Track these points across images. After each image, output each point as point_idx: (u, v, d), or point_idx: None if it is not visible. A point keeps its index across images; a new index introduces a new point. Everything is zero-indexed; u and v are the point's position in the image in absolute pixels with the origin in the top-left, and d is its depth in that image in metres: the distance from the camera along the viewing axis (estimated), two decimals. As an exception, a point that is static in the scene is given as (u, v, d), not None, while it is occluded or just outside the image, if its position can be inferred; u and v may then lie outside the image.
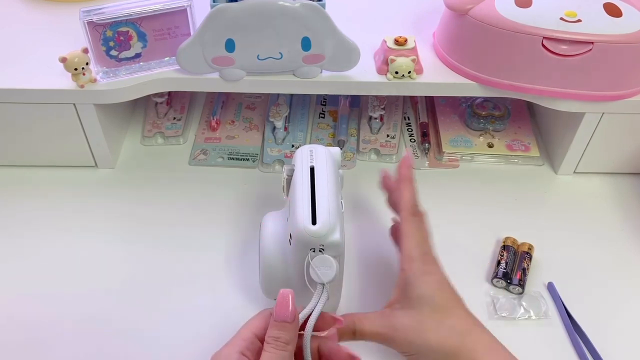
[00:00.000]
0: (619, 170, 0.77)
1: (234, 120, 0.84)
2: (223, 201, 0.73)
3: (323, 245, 0.48)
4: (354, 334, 0.49)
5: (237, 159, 0.78)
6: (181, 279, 0.64)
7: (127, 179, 0.76)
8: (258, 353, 0.44)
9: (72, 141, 0.73)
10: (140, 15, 0.64)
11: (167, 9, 0.64)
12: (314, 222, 0.48)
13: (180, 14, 0.65)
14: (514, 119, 0.83)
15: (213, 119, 0.83)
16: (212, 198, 0.73)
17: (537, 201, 0.74)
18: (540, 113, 0.83)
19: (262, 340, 0.45)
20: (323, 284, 0.47)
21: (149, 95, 0.72)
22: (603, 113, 0.69)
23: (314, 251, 0.48)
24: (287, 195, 0.55)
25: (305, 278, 0.48)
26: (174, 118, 0.83)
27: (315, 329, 0.47)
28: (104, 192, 0.74)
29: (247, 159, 0.78)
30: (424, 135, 0.81)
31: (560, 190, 0.76)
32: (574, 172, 0.77)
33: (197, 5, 0.66)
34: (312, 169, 0.52)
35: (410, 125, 0.84)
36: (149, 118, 0.83)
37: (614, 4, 0.65)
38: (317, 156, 0.53)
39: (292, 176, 0.53)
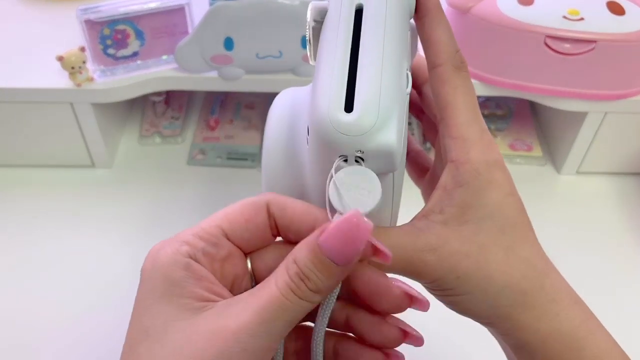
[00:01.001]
0: (623, 170, 0.76)
1: (233, 119, 0.83)
2: (222, 201, 0.72)
3: (362, 152, 0.26)
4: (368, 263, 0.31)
5: (236, 158, 0.78)
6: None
7: (124, 179, 0.75)
8: (229, 261, 0.29)
9: (68, 140, 0.73)
10: (138, 14, 0.63)
11: (165, 7, 0.64)
12: (348, 106, 0.26)
13: (178, 12, 0.65)
14: (516, 118, 0.82)
15: (211, 118, 0.82)
16: (210, 198, 0.73)
17: (539, 201, 0.74)
18: (542, 112, 0.83)
19: (241, 246, 0.29)
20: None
21: (146, 94, 0.71)
22: (606, 112, 0.69)
23: (345, 161, 0.27)
24: (314, 57, 0.31)
25: (327, 208, 0.27)
26: (172, 117, 0.82)
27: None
28: (101, 192, 0.73)
29: (246, 159, 0.77)
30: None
31: (563, 190, 0.75)
32: (577, 172, 0.76)
33: (196, 3, 0.66)
34: (358, 11, 0.29)
35: (412, 125, 0.83)
36: (146, 117, 0.82)
37: (617, 2, 0.64)
38: None
39: (322, 23, 0.30)
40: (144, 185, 0.74)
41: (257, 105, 0.85)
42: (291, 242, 0.30)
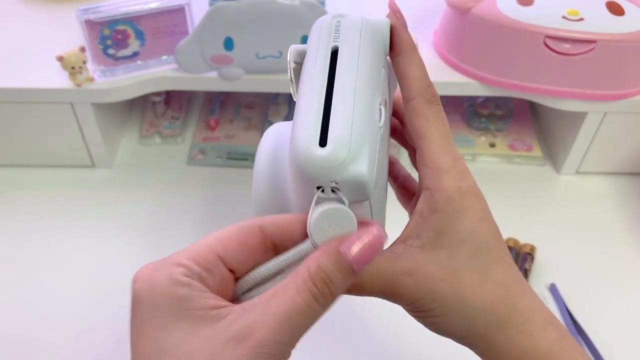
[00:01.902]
0: (622, 170, 0.76)
1: (233, 119, 0.83)
2: (222, 201, 0.72)
3: (337, 183, 0.28)
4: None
5: (236, 158, 0.78)
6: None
7: (124, 179, 0.75)
8: (223, 286, 0.29)
9: (68, 141, 0.73)
10: (138, 14, 0.63)
11: (165, 7, 0.64)
12: (323, 141, 0.28)
13: (178, 12, 0.65)
14: (516, 118, 0.82)
15: (211, 118, 0.82)
16: (210, 198, 0.72)
17: (539, 201, 0.74)
18: (542, 112, 0.83)
19: (232, 266, 0.29)
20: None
21: (146, 95, 0.71)
22: (606, 112, 0.69)
23: (323, 192, 0.29)
24: (297, 94, 0.33)
25: (309, 236, 0.29)
26: (172, 117, 0.82)
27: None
28: (101, 192, 0.73)
29: (246, 159, 0.77)
30: (425, 134, 0.80)
31: (562, 191, 0.75)
32: (577, 172, 0.76)
33: (196, 3, 0.66)
34: (334, 53, 0.31)
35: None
36: (146, 117, 0.82)
37: (616, 3, 0.65)
38: (345, 31, 0.32)
39: (302, 64, 0.32)
40: (144, 185, 0.74)
41: (257, 105, 0.85)
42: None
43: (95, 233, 0.68)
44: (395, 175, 0.40)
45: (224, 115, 0.83)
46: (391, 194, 0.40)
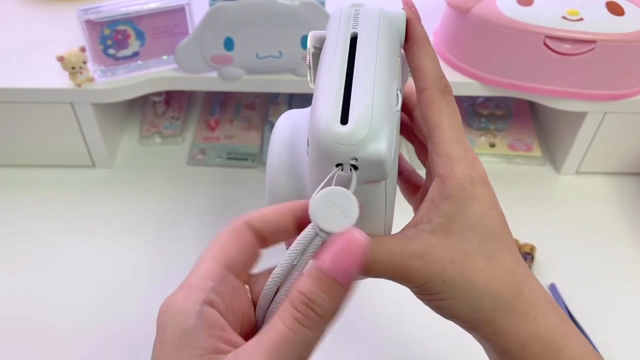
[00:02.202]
0: (622, 170, 0.76)
1: (233, 119, 0.83)
2: (222, 202, 0.72)
3: (357, 160, 0.29)
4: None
5: (236, 158, 0.78)
6: (179, 280, 0.63)
7: (124, 179, 0.75)
8: (235, 296, 0.29)
9: (69, 141, 0.73)
10: (139, 14, 0.63)
11: (166, 7, 0.64)
12: (344, 120, 0.29)
13: (178, 13, 0.65)
14: (516, 118, 0.82)
15: (211, 118, 0.82)
16: (210, 198, 0.73)
17: (539, 202, 0.74)
18: (542, 112, 0.83)
19: (238, 274, 0.30)
20: (323, 233, 0.29)
21: (147, 95, 0.71)
22: (605, 112, 0.69)
23: (342, 170, 0.29)
24: (314, 80, 0.34)
25: (312, 219, 0.29)
26: (172, 117, 0.82)
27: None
28: (102, 192, 0.73)
29: (246, 159, 0.77)
30: (425, 134, 0.80)
31: (562, 191, 0.75)
32: (577, 172, 0.76)
33: (196, 3, 0.66)
34: (353, 40, 0.32)
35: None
36: (146, 117, 0.82)
37: (616, 3, 0.65)
38: (364, 19, 0.33)
39: (321, 49, 0.33)
40: (144, 185, 0.74)
41: (257, 105, 0.85)
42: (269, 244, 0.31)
43: (95, 233, 0.68)
44: (400, 170, 0.40)
45: (224, 115, 0.83)
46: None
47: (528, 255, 0.65)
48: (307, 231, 0.29)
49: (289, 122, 0.37)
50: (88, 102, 0.68)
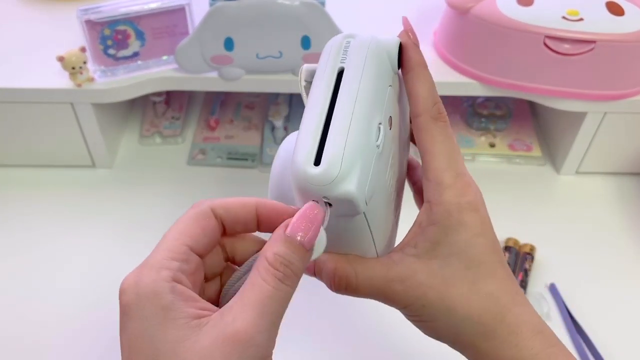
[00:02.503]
0: (622, 170, 0.76)
1: (233, 119, 0.83)
2: (222, 201, 0.72)
3: (328, 199, 0.30)
4: (346, 287, 0.35)
5: (236, 158, 0.78)
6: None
7: (124, 179, 0.75)
8: (197, 274, 0.31)
9: (69, 141, 0.73)
10: (139, 14, 0.63)
11: (166, 7, 0.64)
12: (318, 160, 0.30)
13: (178, 13, 0.65)
14: (516, 118, 0.82)
15: (211, 118, 0.82)
16: (210, 198, 0.72)
17: (539, 201, 0.74)
18: (542, 112, 0.83)
19: (201, 254, 0.32)
20: None
21: (147, 95, 0.71)
22: (605, 112, 0.69)
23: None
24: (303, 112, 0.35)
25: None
26: (172, 117, 0.82)
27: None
28: (102, 192, 0.73)
29: (246, 159, 0.77)
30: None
31: (562, 191, 0.75)
32: (576, 172, 0.76)
33: (196, 3, 0.66)
34: (340, 74, 0.33)
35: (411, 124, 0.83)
36: (147, 117, 0.82)
37: (616, 3, 0.65)
38: (352, 52, 0.33)
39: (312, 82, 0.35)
40: (145, 185, 0.74)
41: (257, 105, 0.85)
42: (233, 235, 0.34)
43: (95, 233, 0.68)
44: (414, 180, 0.41)
45: (224, 115, 0.83)
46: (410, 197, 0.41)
47: (528, 255, 0.65)
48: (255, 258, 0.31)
49: (285, 147, 0.39)
50: (88, 102, 0.68)
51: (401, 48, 0.35)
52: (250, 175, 0.76)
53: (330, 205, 0.31)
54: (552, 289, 0.63)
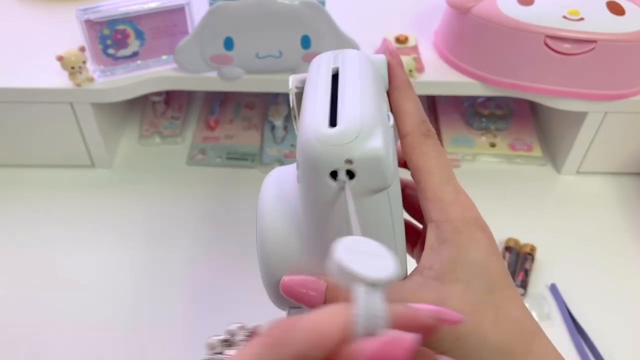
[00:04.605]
0: (622, 169, 0.76)
1: (233, 119, 0.83)
2: (221, 201, 0.72)
3: (351, 162, 0.26)
4: None
5: (236, 158, 0.77)
6: (179, 279, 0.63)
7: (124, 179, 0.75)
8: None
9: (68, 141, 0.72)
10: (138, 14, 0.63)
11: (165, 7, 0.64)
12: (332, 123, 0.26)
13: (178, 12, 0.64)
14: (517, 118, 0.82)
15: (211, 118, 0.82)
16: (210, 198, 0.72)
17: (539, 201, 0.74)
18: (542, 112, 0.83)
19: None
20: (369, 285, 0.21)
21: (146, 95, 0.71)
22: (606, 112, 0.69)
23: (334, 177, 0.27)
24: (299, 117, 0.32)
25: (330, 267, 0.22)
26: (172, 117, 0.82)
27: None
28: (101, 192, 0.73)
29: (246, 159, 0.77)
30: (425, 134, 0.80)
31: (563, 190, 0.75)
32: (577, 171, 0.76)
33: (196, 3, 0.65)
34: (335, 74, 0.30)
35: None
36: (146, 117, 0.82)
37: (617, 2, 0.64)
38: (345, 58, 0.32)
39: (303, 88, 0.32)
40: (144, 185, 0.74)
41: (257, 105, 0.85)
42: None
43: (94, 233, 0.68)
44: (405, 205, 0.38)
45: (224, 115, 0.83)
46: None
47: (528, 255, 0.64)
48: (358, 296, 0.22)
49: (274, 176, 0.35)
50: (87, 102, 0.68)
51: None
52: (250, 175, 0.76)
53: (351, 177, 0.26)
54: (553, 289, 0.63)
